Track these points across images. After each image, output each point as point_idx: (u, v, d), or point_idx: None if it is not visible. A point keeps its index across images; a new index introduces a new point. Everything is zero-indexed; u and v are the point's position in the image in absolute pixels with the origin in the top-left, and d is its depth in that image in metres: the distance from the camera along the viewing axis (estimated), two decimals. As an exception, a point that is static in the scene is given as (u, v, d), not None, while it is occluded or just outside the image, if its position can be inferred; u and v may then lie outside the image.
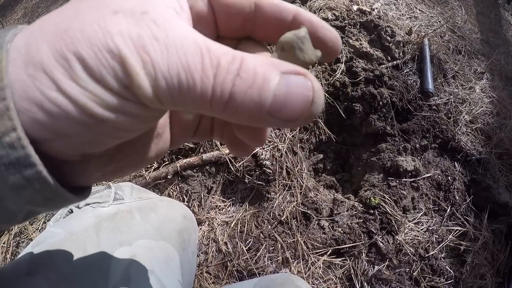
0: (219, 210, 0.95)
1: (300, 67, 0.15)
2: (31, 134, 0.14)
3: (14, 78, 0.13)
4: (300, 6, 1.35)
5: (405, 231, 0.93)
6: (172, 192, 0.94)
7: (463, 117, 1.17)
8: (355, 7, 1.39)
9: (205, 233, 0.90)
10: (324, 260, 0.88)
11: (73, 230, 0.39)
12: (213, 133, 0.25)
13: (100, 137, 0.15)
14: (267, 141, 0.99)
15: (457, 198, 1.01)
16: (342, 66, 1.16)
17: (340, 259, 0.89)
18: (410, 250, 0.90)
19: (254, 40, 0.22)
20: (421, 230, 0.94)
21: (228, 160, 0.94)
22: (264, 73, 0.14)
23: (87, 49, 0.14)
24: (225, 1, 0.20)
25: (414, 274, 0.87)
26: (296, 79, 0.15)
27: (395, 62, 1.22)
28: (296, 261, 0.87)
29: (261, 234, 0.90)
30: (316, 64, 1.17)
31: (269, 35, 0.21)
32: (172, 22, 0.15)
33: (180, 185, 0.94)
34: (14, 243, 0.88)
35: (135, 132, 0.17)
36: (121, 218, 0.44)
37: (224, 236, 0.89)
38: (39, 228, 0.89)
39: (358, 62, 1.19)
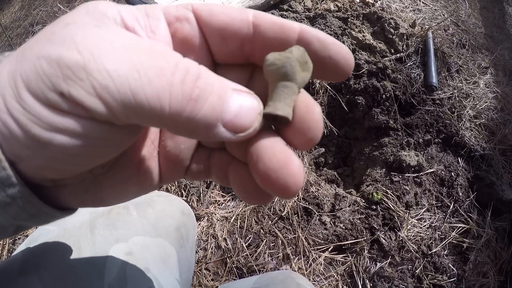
0: (219, 205, 0.93)
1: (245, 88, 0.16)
2: (6, 155, 0.14)
3: None
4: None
5: (408, 228, 0.91)
6: (170, 187, 0.92)
7: (467, 112, 1.15)
8: (358, -1, 1.36)
9: (204, 229, 0.88)
10: (325, 256, 0.86)
11: (67, 227, 0.38)
12: (211, 173, 0.21)
13: (55, 162, 0.14)
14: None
15: (460, 194, 0.99)
16: (345, 58, 1.14)
17: (342, 255, 0.88)
18: (413, 247, 0.88)
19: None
20: (423, 226, 0.93)
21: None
22: (220, 83, 0.15)
23: (30, 67, 0.13)
24: (216, 23, 0.18)
25: (416, 271, 0.86)
26: (246, 92, 0.16)
27: (398, 55, 1.20)
28: (297, 258, 0.85)
29: (262, 230, 0.88)
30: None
31: None
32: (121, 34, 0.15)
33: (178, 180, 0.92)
34: (11, 240, 0.87)
35: (96, 158, 0.16)
36: (117, 214, 0.42)
37: (223, 232, 0.87)
38: (34, 223, 0.86)
39: (361, 54, 1.16)
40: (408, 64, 1.19)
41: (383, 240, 0.88)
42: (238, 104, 0.15)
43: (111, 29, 0.15)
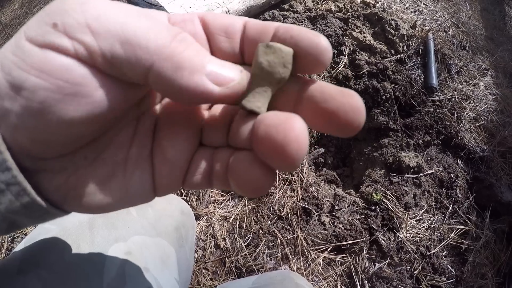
0: (218, 204, 0.93)
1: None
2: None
3: None
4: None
5: (407, 229, 0.91)
6: (170, 186, 0.91)
7: (467, 113, 1.15)
8: (359, -1, 1.36)
9: (203, 228, 0.88)
10: (324, 256, 0.86)
11: (66, 226, 0.38)
12: (212, 178, 0.19)
13: (30, 118, 0.14)
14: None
15: (459, 195, 1.00)
16: (345, 58, 1.14)
17: (341, 256, 0.88)
18: (412, 248, 0.89)
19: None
20: (422, 227, 0.93)
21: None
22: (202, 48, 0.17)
23: (34, 17, 0.15)
24: (221, 22, 0.19)
25: (415, 272, 0.86)
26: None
27: (399, 56, 1.20)
28: (296, 258, 0.85)
29: (261, 230, 0.88)
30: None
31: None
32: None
33: (177, 179, 0.92)
34: (9, 238, 0.86)
35: (72, 120, 0.15)
36: (117, 214, 0.42)
37: (222, 231, 0.87)
38: (32, 221, 0.86)
39: (362, 55, 1.16)
40: (409, 65, 1.19)
41: (382, 241, 0.89)
42: (219, 60, 0.16)
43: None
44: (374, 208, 0.94)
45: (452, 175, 1.03)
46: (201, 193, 0.92)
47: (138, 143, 0.19)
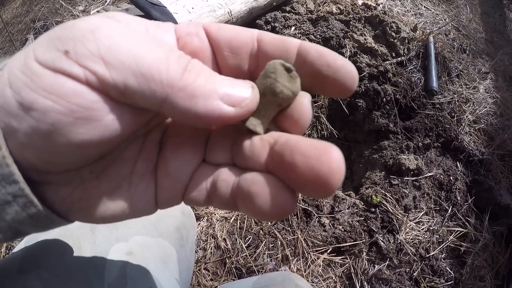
0: (218, 205, 0.92)
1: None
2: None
3: None
4: (304, -2, 1.32)
5: (406, 231, 0.92)
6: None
7: (467, 116, 1.16)
8: (360, 1, 1.37)
9: (204, 229, 0.88)
10: (324, 258, 0.86)
11: (68, 226, 0.37)
12: (212, 200, 0.19)
13: (37, 138, 0.14)
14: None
15: (458, 198, 1.00)
16: (346, 61, 1.14)
17: (340, 257, 0.88)
18: (411, 250, 0.89)
19: None
20: (422, 229, 0.93)
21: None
22: (210, 69, 0.17)
23: (44, 38, 0.15)
24: (225, 35, 0.19)
25: (414, 274, 0.86)
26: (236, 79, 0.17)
27: (399, 58, 1.20)
28: (296, 259, 0.85)
29: (261, 231, 0.88)
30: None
31: None
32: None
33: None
34: (7, 236, 0.85)
35: (80, 140, 0.15)
36: (118, 214, 0.42)
37: (223, 232, 0.87)
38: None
39: (362, 57, 1.16)
40: (409, 68, 1.20)
41: (382, 243, 0.89)
42: (229, 81, 0.16)
43: (119, 23, 0.16)
44: (373, 210, 0.94)
45: (451, 177, 1.03)
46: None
47: (144, 157, 0.19)
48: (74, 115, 0.14)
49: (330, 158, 0.14)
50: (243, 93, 0.16)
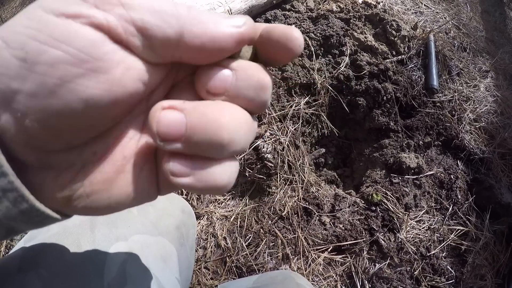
0: (219, 203, 0.92)
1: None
2: None
3: None
4: (304, -4, 1.32)
5: (407, 229, 0.91)
6: (170, 185, 0.91)
7: (467, 115, 1.16)
8: (360, 0, 1.36)
9: (204, 228, 0.88)
10: (324, 257, 0.86)
11: (67, 224, 0.37)
12: None
13: (42, 98, 0.13)
14: (268, 134, 0.96)
15: (459, 197, 1.00)
16: (346, 59, 1.14)
17: (341, 256, 0.88)
18: (412, 249, 0.89)
19: None
20: (422, 228, 0.93)
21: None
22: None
23: None
24: None
25: (415, 273, 0.86)
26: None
27: (400, 57, 1.20)
28: (296, 258, 0.85)
29: (261, 230, 0.88)
30: (319, 57, 1.15)
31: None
32: None
33: (178, 178, 0.91)
34: (6, 235, 0.85)
35: (87, 103, 0.14)
36: (117, 213, 0.41)
37: (223, 230, 0.87)
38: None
39: (363, 55, 1.16)
40: (409, 66, 1.19)
41: (382, 241, 0.88)
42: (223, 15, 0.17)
43: None
44: (374, 208, 0.94)
45: (452, 176, 1.03)
46: (201, 192, 0.92)
47: (147, 137, 0.19)
48: (84, 65, 0.14)
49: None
50: (240, 19, 0.17)
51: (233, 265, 0.82)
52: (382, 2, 1.39)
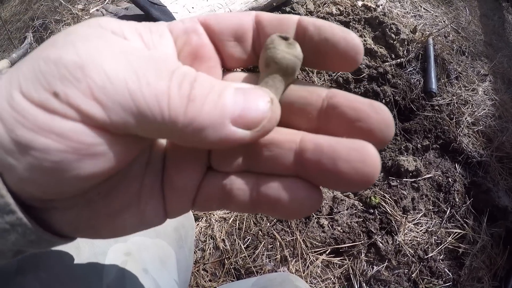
0: (217, 205, 0.92)
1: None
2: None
3: None
4: (304, -1, 1.32)
5: (405, 232, 0.92)
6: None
7: (465, 118, 1.16)
8: (360, 3, 1.37)
9: (202, 229, 0.88)
10: (322, 259, 0.86)
11: None
12: (228, 206, 0.18)
13: (38, 174, 0.13)
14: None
15: (457, 200, 1.00)
16: (346, 62, 1.14)
17: (339, 258, 0.88)
18: (409, 251, 0.89)
19: None
20: (420, 231, 0.94)
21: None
22: (220, 84, 0.15)
23: (28, 67, 0.13)
24: (227, 26, 0.18)
25: (412, 275, 0.86)
26: (250, 87, 0.15)
27: (399, 60, 1.21)
28: (295, 260, 0.85)
29: (260, 232, 0.88)
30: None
31: None
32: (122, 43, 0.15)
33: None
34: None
35: (83, 172, 0.14)
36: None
37: (221, 232, 0.87)
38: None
39: (362, 58, 1.16)
40: (408, 70, 1.20)
41: (380, 244, 0.89)
42: (243, 97, 0.14)
43: (112, 38, 0.15)
44: (372, 211, 0.95)
45: (450, 179, 1.03)
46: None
47: (151, 172, 0.18)
48: (79, 152, 0.13)
49: (373, 157, 0.14)
50: (259, 111, 0.14)
51: (231, 267, 0.83)
52: (381, 5, 1.40)
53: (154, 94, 0.13)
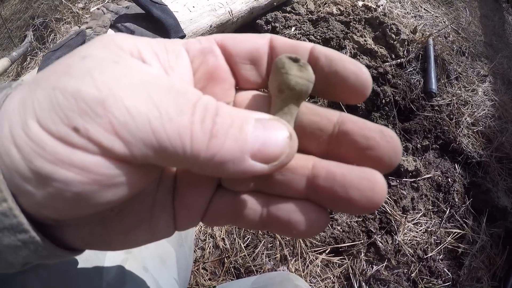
0: (217, 204, 0.92)
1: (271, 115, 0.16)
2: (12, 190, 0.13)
3: None
4: (305, -2, 1.32)
5: (404, 232, 0.92)
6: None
7: (465, 119, 1.16)
8: (360, 3, 1.37)
9: (202, 228, 0.88)
10: (322, 258, 0.87)
11: None
12: (237, 222, 0.19)
13: (57, 202, 0.13)
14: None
15: (456, 200, 1.00)
16: (346, 62, 1.14)
17: (339, 258, 0.88)
18: (409, 251, 0.89)
19: None
20: (420, 231, 0.94)
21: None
22: (240, 116, 0.15)
23: (44, 97, 0.13)
24: (244, 49, 0.18)
25: (412, 275, 0.86)
26: (270, 119, 0.15)
27: (399, 60, 1.21)
28: (294, 259, 0.85)
29: (260, 231, 0.88)
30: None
31: None
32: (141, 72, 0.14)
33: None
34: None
35: (103, 199, 0.14)
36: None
37: (221, 231, 0.87)
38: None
39: (362, 58, 1.17)
40: (408, 70, 1.20)
41: (380, 244, 0.89)
42: (263, 131, 0.15)
43: (130, 64, 0.15)
44: (372, 211, 0.95)
45: (449, 179, 1.03)
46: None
47: (163, 189, 0.19)
48: (100, 183, 0.13)
49: (381, 186, 0.15)
50: (278, 147, 0.15)
51: (231, 266, 0.83)
52: (382, 5, 1.40)
53: (177, 130, 0.13)
